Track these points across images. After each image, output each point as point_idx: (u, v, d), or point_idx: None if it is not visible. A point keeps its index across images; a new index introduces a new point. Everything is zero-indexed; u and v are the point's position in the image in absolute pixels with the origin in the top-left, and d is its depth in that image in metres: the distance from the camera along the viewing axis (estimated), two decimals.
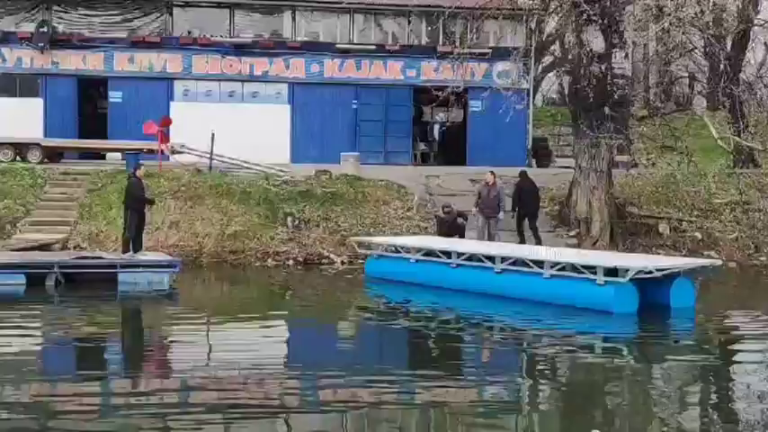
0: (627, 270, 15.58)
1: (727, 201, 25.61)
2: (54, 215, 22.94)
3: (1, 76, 31.90)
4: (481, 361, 13.06)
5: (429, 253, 18.97)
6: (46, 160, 27.80)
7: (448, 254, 18.51)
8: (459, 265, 18.23)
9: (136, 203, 19.27)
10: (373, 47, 32.89)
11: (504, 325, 15.55)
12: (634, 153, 28.84)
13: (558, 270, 16.57)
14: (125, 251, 19.22)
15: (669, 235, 23.88)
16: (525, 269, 17.00)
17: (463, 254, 18.35)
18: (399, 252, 19.69)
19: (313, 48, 32.69)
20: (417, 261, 19.13)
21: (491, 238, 21.90)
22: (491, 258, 17.68)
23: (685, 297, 16.31)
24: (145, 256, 19.07)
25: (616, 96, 23.00)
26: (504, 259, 17.41)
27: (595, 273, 15.92)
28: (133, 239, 19.32)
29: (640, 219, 24.31)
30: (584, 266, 16.26)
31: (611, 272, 15.81)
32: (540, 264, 16.82)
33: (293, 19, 32.89)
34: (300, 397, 10.66)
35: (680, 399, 10.93)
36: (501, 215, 22.17)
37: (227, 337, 14.55)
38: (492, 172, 22.78)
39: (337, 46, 32.66)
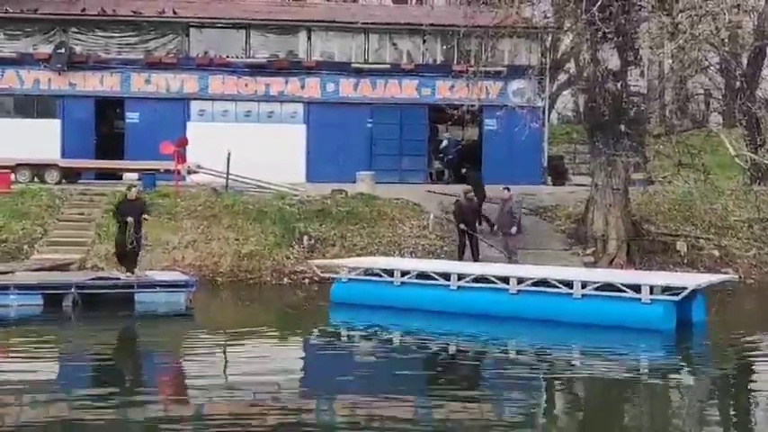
0: (684, 288, 15.78)
1: (744, 218, 25.47)
2: (71, 236, 23.04)
3: (19, 97, 32.16)
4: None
5: (420, 275, 17.92)
6: (63, 181, 27.96)
7: (446, 276, 17.64)
8: (460, 288, 17.44)
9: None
10: (388, 66, 32.95)
11: (574, 352, 14.98)
12: (650, 171, 28.74)
13: (592, 290, 16.29)
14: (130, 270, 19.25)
15: (686, 253, 23.74)
16: (549, 290, 16.60)
17: (467, 275, 17.54)
18: (378, 274, 18.35)
19: (328, 67, 32.79)
20: (403, 284, 18.03)
21: (510, 253, 21.90)
22: (504, 279, 17.14)
23: (701, 312, 16.68)
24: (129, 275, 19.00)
25: (632, 114, 23.00)
26: (521, 280, 16.97)
27: (637, 291, 15.89)
28: (127, 256, 19.28)
29: (657, 236, 24.21)
30: (625, 285, 16.12)
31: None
32: (567, 284, 16.49)
33: (308, 39, 33.03)
34: (316, 417, 10.63)
35: None
36: (514, 230, 22.19)
37: (241, 357, 14.54)
38: (507, 188, 22.77)
39: (352, 65, 32.75)
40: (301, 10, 36.28)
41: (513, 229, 22.16)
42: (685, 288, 15.79)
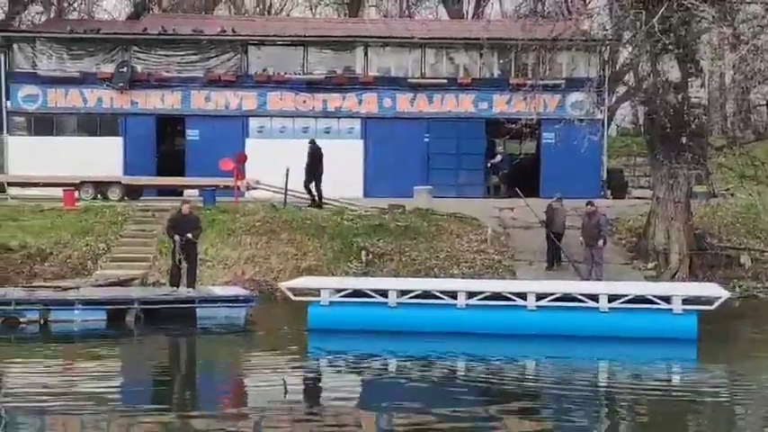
0: (718, 297, 16.19)
1: None
2: (134, 251, 23.40)
3: (82, 115, 32.83)
4: None
5: (423, 294, 16.73)
6: (126, 198, 28.41)
7: (453, 294, 16.65)
8: (469, 306, 16.49)
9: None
10: (445, 80, 32.96)
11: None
12: (712, 183, 28.27)
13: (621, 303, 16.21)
14: (191, 285, 19.44)
15: (751, 266, 23.30)
16: (572, 304, 16.28)
17: (479, 293, 16.68)
18: (369, 296, 16.86)
19: (385, 83, 32.91)
20: (399, 305, 16.67)
21: (597, 265, 21.79)
22: (521, 296, 16.53)
23: None
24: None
25: (693, 126, 22.67)
26: (540, 296, 16.43)
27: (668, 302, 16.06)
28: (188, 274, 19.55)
29: (720, 250, 23.78)
30: (657, 297, 16.22)
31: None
32: (593, 298, 16.27)
33: (365, 55, 33.18)
34: None
35: None
36: (601, 243, 22.07)
37: (298, 374, 14.59)
38: (590, 202, 22.77)
39: (409, 80, 32.82)
40: (358, 26, 36.52)
41: (601, 242, 22.07)
42: (719, 297, 16.18)
